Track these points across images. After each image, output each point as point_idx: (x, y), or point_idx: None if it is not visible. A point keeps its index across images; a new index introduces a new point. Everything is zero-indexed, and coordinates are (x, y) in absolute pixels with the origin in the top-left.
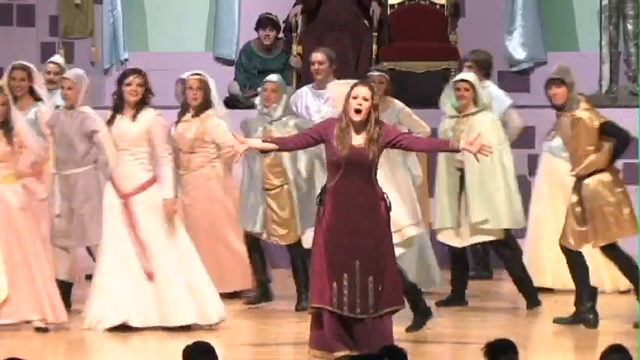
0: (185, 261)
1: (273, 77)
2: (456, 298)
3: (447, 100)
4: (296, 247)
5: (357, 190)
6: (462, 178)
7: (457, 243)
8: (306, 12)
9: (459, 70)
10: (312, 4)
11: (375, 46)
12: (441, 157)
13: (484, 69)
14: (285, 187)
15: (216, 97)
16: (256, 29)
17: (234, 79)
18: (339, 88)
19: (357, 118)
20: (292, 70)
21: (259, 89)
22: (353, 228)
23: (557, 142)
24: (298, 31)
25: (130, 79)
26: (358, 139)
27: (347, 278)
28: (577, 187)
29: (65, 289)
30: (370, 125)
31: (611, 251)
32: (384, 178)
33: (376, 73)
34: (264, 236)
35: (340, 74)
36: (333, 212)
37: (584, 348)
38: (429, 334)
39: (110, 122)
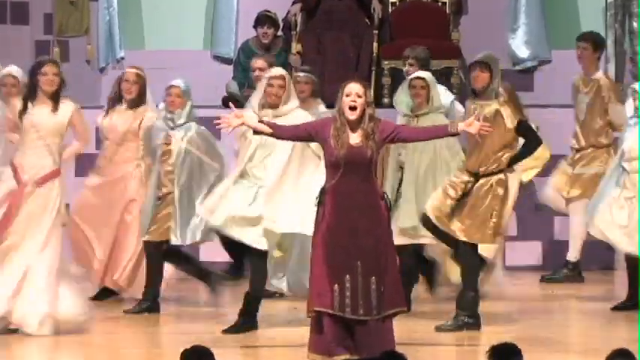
0: (45, 258)
1: (179, 82)
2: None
3: (403, 98)
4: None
5: (357, 189)
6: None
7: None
8: (305, 10)
9: (462, 69)
10: (312, 2)
11: (375, 45)
12: (390, 154)
13: (424, 65)
14: (173, 193)
15: (151, 97)
16: (255, 27)
17: (233, 78)
18: None
19: (352, 116)
20: (291, 69)
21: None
22: (353, 228)
23: None
24: (297, 29)
25: (46, 68)
26: (355, 138)
27: (349, 280)
28: (468, 181)
29: None
30: (364, 122)
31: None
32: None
33: (302, 74)
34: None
35: (340, 73)
36: (333, 212)
37: None
38: (430, 337)
39: (23, 111)
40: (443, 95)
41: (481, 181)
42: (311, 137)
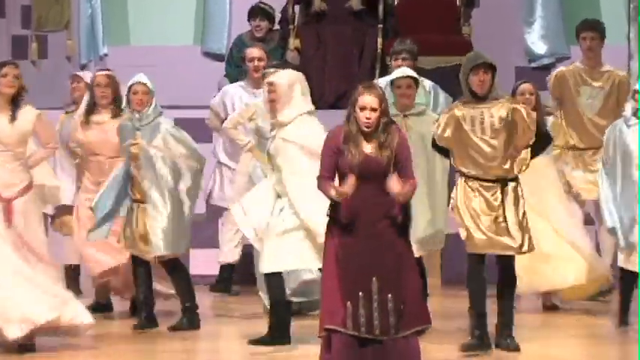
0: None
1: (143, 78)
2: None
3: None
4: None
5: (372, 200)
6: None
7: None
8: (303, 2)
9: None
10: None
11: (380, 40)
12: None
13: (416, 60)
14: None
15: (123, 98)
16: (248, 20)
17: (225, 76)
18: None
19: (366, 129)
20: (288, 65)
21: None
22: (368, 241)
23: None
24: (295, 23)
25: (5, 70)
26: (369, 147)
27: (363, 297)
28: (498, 190)
29: None
30: (378, 131)
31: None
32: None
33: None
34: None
35: (341, 71)
36: (347, 225)
37: None
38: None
39: None
40: (443, 95)
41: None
42: (337, 157)
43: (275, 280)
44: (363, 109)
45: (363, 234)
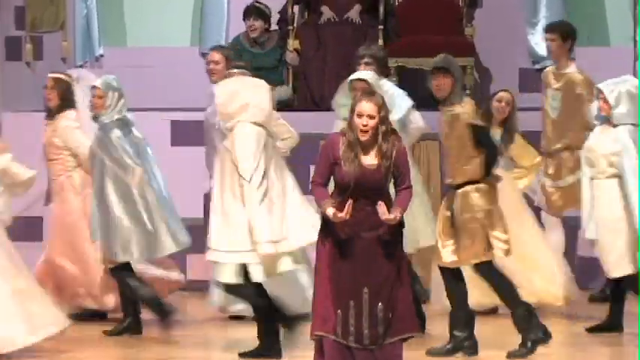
0: None
1: (99, 82)
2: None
3: (345, 101)
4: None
5: (366, 213)
6: None
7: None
8: (303, 2)
9: (477, 67)
10: None
11: (380, 41)
12: None
13: (383, 65)
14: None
15: (81, 100)
16: (243, 19)
17: None
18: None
19: (363, 137)
20: (288, 67)
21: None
22: (361, 251)
23: None
24: (295, 23)
25: None
26: (368, 158)
27: (353, 306)
28: (449, 197)
29: None
30: (378, 141)
31: (483, 269)
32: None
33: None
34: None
35: (342, 72)
36: (340, 238)
37: None
38: None
39: None
40: (401, 99)
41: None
42: (333, 166)
43: (238, 288)
44: (360, 115)
45: (356, 243)
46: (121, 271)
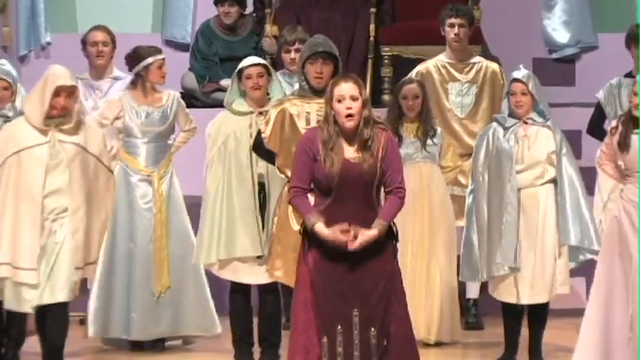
0: None
1: (5, 75)
2: None
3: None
4: None
5: (354, 216)
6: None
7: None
8: None
9: (482, 54)
10: None
11: (373, 27)
12: None
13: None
14: None
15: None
16: (215, 4)
17: (190, 69)
18: None
19: (350, 123)
20: (265, 55)
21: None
22: (349, 266)
23: None
24: (272, 6)
25: None
26: (351, 151)
27: (341, 331)
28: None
29: None
30: (360, 129)
31: None
32: None
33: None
34: None
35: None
36: (323, 248)
37: None
38: None
39: None
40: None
41: None
42: (314, 163)
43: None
44: (341, 99)
45: (342, 257)
46: None
